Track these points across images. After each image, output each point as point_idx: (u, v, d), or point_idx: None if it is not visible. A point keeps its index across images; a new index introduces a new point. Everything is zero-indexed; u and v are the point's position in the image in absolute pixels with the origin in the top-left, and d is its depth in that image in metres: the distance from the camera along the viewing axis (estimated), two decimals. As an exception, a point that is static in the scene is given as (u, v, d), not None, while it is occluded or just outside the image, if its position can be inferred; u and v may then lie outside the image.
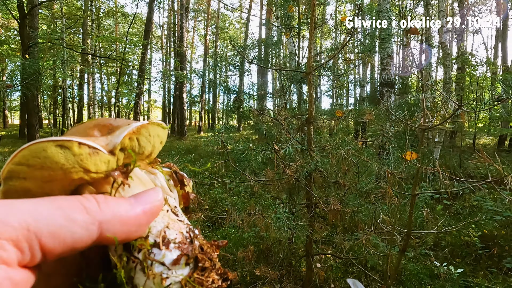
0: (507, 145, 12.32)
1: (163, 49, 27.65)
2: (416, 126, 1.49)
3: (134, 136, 0.31)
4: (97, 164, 0.27)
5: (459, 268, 3.53)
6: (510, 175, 1.38)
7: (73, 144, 0.26)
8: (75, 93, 21.70)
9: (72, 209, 0.23)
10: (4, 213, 0.20)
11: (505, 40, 17.15)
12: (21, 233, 0.20)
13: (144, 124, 0.32)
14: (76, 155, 0.26)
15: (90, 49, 17.61)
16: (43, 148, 0.25)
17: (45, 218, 0.21)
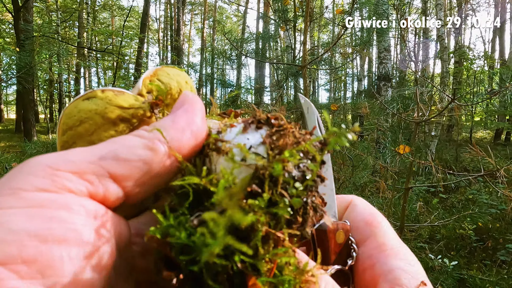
0: (503, 139, 12.37)
1: (159, 42, 27.46)
2: (410, 120, 1.49)
3: (153, 77, 0.32)
4: (127, 100, 0.28)
5: (454, 260, 3.56)
6: (502, 168, 1.39)
7: (96, 93, 0.28)
8: (71, 87, 21.55)
9: (127, 139, 0.23)
10: (64, 154, 0.21)
11: (502, 34, 17.13)
12: (84, 166, 0.20)
13: (157, 67, 0.33)
14: (103, 98, 0.28)
15: (86, 42, 17.45)
16: (74, 106, 0.28)
17: (106, 150, 0.22)
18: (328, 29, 20.25)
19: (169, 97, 0.32)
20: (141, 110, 0.29)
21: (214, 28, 26.28)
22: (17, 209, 0.18)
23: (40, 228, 0.18)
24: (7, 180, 0.20)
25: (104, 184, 0.21)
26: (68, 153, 0.21)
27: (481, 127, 14.55)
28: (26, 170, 0.20)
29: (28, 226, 0.17)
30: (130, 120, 0.29)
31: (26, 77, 2.17)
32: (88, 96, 0.28)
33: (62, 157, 0.21)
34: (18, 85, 1.97)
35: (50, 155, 0.21)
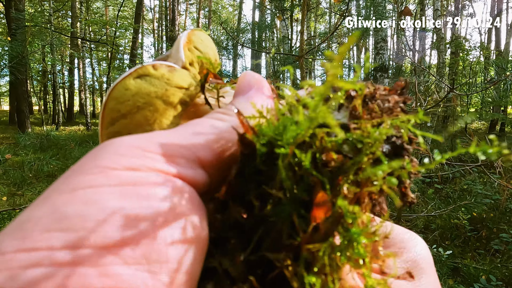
0: (497, 130, 12.45)
1: (154, 33, 27.13)
2: (407, 110, 1.48)
3: (190, 45, 0.27)
4: (185, 79, 0.25)
5: (448, 250, 3.60)
6: (500, 158, 1.38)
7: (148, 69, 0.23)
8: (65, 79, 21.28)
9: (211, 123, 0.22)
10: (149, 135, 0.20)
11: (499, 24, 17.09)
12: (174, 149, 0.20)
13: (189, 31, 0.29)
14: (160, 77, 0.23)
15: (80, 33, 17.18)
16: (124, 87, 0.22)
17: (191, 134, 0.21)
18: (325, 19, 20.09)
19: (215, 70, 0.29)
20: (195, 89, 0.26)
21: (209, 18, 25.98)
22: (109, 187, 0.17)
23: (138, 207, 0.16)
24: (92, 159, 0.18)
25: (194, 168, 0.20)
26: (155, 135, 0.20)
27: (476, 118, 14.62)
28: (112, 150, 0.19)
29: (124, 205, 0.16)
30: (188, 103, 0.25)
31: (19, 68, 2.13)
32: (139, 74, 0.23)
33: (149, 139, 0.20)
34: (11, 76, 1.93)
35: (135, 137, 0.20)
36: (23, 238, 0.15)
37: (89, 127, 14.76)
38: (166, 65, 0.25)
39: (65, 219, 0.15)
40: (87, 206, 0.16)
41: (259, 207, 0.20)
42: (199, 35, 0.29)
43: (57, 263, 0.14)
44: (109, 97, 0.24)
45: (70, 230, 0.15)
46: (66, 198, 0.16)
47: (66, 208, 0.15)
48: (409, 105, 1.65)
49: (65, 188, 0.17)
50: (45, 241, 0.14)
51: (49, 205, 0.16)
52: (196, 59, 0.27)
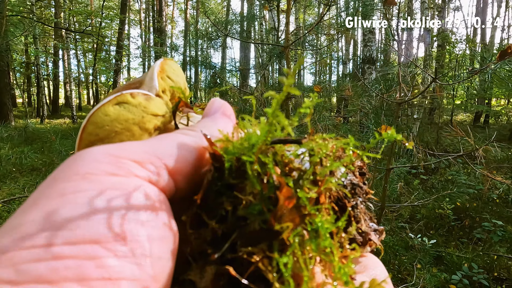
0: (482, 122, 12.70)
1: (141, 24, 26.64)
2: (392, 100, 1.49)
3: (163, 74, 0.30)
4: (159, 107, 0.27)
5: (433, 239, 3.68)
6: (480, 148, 1.40)
7: (126, 97, 0.25)
8: (49, 70, 20.77)
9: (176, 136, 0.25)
10: (120, 145, 0.22)
11: (484, 18, 17.34)
12: (144, 157, 0.21)
13: (162, 61, 0.31)
14: (137, 105, 0.25)
15: (64, 23, 16.74)
16: (104, 113, 0.24)
17: (159, 144, 0.23)
18: (314, 11, 20.03)
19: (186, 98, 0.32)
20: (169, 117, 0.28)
21: (197, 9, 25.62)
22: (96, 192, 0.18)
23: (122, 207, 0.18)
24: (70, 167, 0.20)
25: (162, 174, 0.22)
26: (127, 144, 0.22)
27: (462, 110, 14.90)
28: (89, 158, 0.20)
29: (110, 205, 0.18)
30: (161, 128, 0.27)
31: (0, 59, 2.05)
32: (118, 101, 0.25)
33: (122, 147, 0.22)
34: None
35: (108, 146, 0.22)
36: (22, 238, 0.16)
37: (75, 120, 14.48)
38: (142, 93, 0.27)
39: (59, 220, 0.17)
40: (77, 208, 0.17)
41: (231, 211, 0.22)
42: (171, 64, 0.32)
43: (57, 257, 0.16)
44: (88, 121, 0.25)
45: (65, 229, 0.17)
46: (56, 202, 0.18)
47: (58, 211, 0.17)
48: (393, 95, 1.66)
49: (53, 194, 0.18)
50: (44, 239, 0.16)
51: (39, 209, 0.17)
52: (168, 87, 0.30)
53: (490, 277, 3.18)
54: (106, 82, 20.74)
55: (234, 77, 8.19)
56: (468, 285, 2.99)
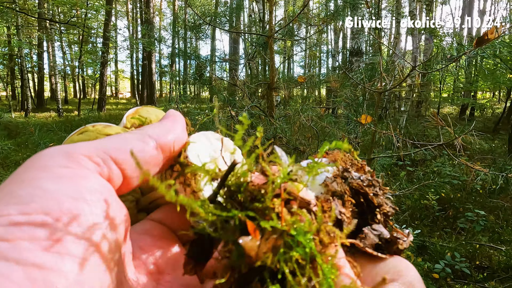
0: (468, 114, 12.90)
1: (128, 15, 26.16)
2: (373, 90, 1.47)
3: (135, 114, 0.37)
4: (114, 130, 0.33)
5: (417, 229, 3.73)
6: (460, 137, 1.41)
7: (87, 128, 0.33)
8: (34, 63, 20.27)
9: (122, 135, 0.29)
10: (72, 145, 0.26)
11: (471, 12, 17.52)
12: (92, 151, 0.25)
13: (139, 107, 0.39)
14: (94, 131, 0.33)
15: (48, 14, 16.30)
16: (70, 140, 0.32)
17: (106, 142, 0.27)
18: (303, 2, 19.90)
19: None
20: None
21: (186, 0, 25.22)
22: (50, 178, 0.23)
23: (71, 190, 0.22)
24: (33, 162, 0.24)
25: (108, 165, 0.26)
26: (79, 143, 0.26)
27: (448, 103, 15.10)
28: (47, 154, 0.25)
29: (61, 188, 0.22)
30: None
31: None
32: (81, 131, 0.33)
33: (74, 146, 0.26)
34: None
35: (63, 145, 0.26)
36: None
37: (60, 114, 14.19)
38: (103, 124, 0.34)
39: (19, 197, 0.21)
40: (34, 189, 0.22)
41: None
42: (146, 108, 0.39)
43: (13, 223, 0.20)
44: None
45: (22, 203, 0.21)
46: (19, 185, 0.22)
47: (19, 191, 0.22)
48: (375, 85, 1.65)
49: (17, 179, 0.23)
50: (6, 210, 0.20)
51: (7, 190, 0.22)
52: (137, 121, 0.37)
53: (472, 266, 3.24)
54: (93, 74, 20.33)
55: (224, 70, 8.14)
56: (451, 273, 3.05)
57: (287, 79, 2.39)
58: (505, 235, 3.72)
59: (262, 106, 2.17)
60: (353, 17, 6.71)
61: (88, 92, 32.95)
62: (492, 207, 4.38)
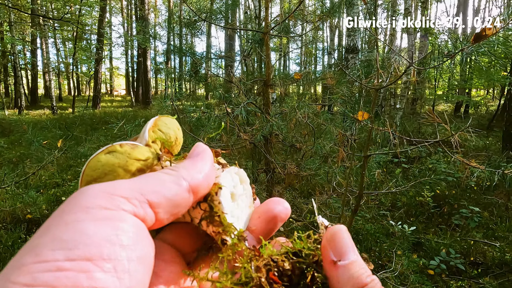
0: (462, 112, 12.98)
1: (123, 12, 25.94)
2: (370, 86, 1.47)
3: (155, 128, 0.37)
4: (143, 153, 0.34)
5: (413, 226, 3.75)
6: (456, 134, 1.41)
7: (115, 147, 0.33)
8: (27, 59, 20.04)
9: (159, 175, 0.31)
10: (112, 184, 0.28)
11: (466, 9, 17.60)
12: (130, 193, 0.27)
13: (156, 117, 0.39)
14: (123, 153, 0.33)
15: (41, 10, 16.10)
16: (97, 159, 0.32)
17: (144, 183, 0.29)
18: (299, 0, 19.84)
19: (172, 145, 0.39)
20: (152, 160, 0.35)
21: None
22: (91, 221, 0.24)
23: (109, 234, 0.24)
24: (77, 201, 0.26)
25: (144, 208, 0.27)
26: (118, 183, 0.28)
27: (443, 100, 15.18)
28: (90, 194, 0.26)
29: (101, 232, 0.24)
30: (145, 170, 0.34)
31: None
32: (109, 150, 0.33)
33: (114, 185, 0.28)
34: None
35: (104, 184, 0.28)
36: (37, 255, 0.22)
37: (54, 111, 14.06)
38: (130, 143, 0.34)
39: (65, 242, 0.23)
40: (77, 234, 0.23)
41: None
42: (164, 120, 0.39)
43: (60, 269, 0.22)
44: (87, 167, 0.33)
45: (67, 249, 0.22)
46: (62, 229, 0.24)
47: (63, 236, 0.23)
48: (372, 81, 1.64)
49: (62, 221, 0.24)
50: (52, 256, 0.22)
51: (51, 235, 0.24)
52: (159, 138, 0.37)
53: (467, 262, 3.27)
54: (88, 72, 20.15)
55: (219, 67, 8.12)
56: (446, 269, 3.07)
57: (283, 76, 2.37)
58: (499, 231, 3.75)
59: (258, 103, 2.16)
60: (349, 13, 6.70)
61: (82, 90, 32.69)
62: (487, 204, 4.41)
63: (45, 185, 5.07)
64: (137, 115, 12.22)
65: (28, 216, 3.80)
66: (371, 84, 1.56)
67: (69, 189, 4.78)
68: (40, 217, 3.83)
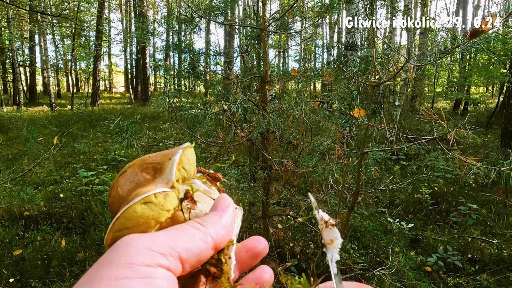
0: (461, 109, 12.98)
1: (122, 8, 25.82)
2: (367, 83, 1.46)
3: (180, 166, 0.38)
4: (172, 202, 0.35)
5: (411, 223, 3.76)
6: (453, 130, 1.40)
7: (151, 198, 0.34)
8: (26, 56, 19.96)
9: (189, 231, 0.33)
10: (152, 239, 0.31)
11: (465, 6, 17.55)
12: (167, 250, 0.30)
13: (181, 153, 0.39)
14: (157, 204, 0.34)
15: (39, 6, 16.02)
16: (133, 210, 0.33)
17: (178, 238, 0.31)
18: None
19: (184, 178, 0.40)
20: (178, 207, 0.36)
21: (180, -7, 24.92)
22: (135, 279, 0.27)
23: None
24: (122, 256, 0.28)
25: (176, 263, 0.30)
26: (156, 238, 0.31)
27: (442, 98, 15.16)
28: (134, 249, 0.29)
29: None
30: (169, 218, 0.36)
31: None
32: (144, 201, 0.34)
33: (153, 241, 0.30)
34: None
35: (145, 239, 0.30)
36: None
37: (53, 108, 14.02)
38: (163, 192, 0.35)
39: None
40: None
41: None
42: (187, 154, 0.40)
43: None
44: (122, 215, 0.34)
45: None
46: (107, 285, 0.25)
47: None
48: (369, 78, 1.64)
49: (106, 276, 0.26)
50: None
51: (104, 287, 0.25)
52: (181, 177, 0.38)
53: (464, 259, 3.27)
54: (86, 68, 20.07)
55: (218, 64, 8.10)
56: (443, 266, 3.08)
57: (281, 73, 2.36)
58: (497, 228, 3.76)
59: (255, 100, 2.15)
60: (348, 10, 6.68)
61: (81, 86, 32.60)
62: (484, 201, 4.42)
63: (43, 182, 5.06)
64: (136, 112, 12.19)
65: (26, 213, 3.80)
66: (368, 80, 1.55)
67: (67, 186, 4.77)
68: (37, 214, 3.82)
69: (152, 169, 0.39)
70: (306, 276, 0.36)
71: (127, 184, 0.38)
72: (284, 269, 2.87)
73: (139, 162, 0.40)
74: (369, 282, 2.75)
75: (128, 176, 0.39)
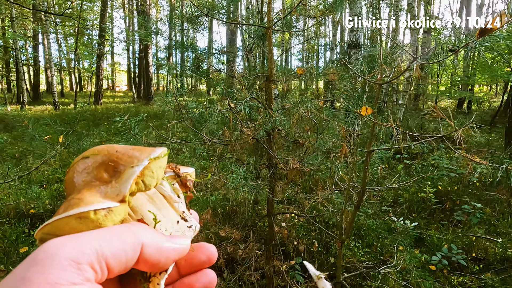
0: (465, 108, 12.92)
1: (124, 7, 25.86)
2: (373, 81, 1.46)
3: (139, 179, 0.34)
4: (114, 220, 0.32)
5: (414, 222, 3.75)
6: (460, 129, 1.40)
7: (88, 214, 0.31)
8: (29, 55, 20.03)
9: (124, 233, 0.31)
10: (78, 247, 0.28)
11: (469, 4, 17.45)
12: (94, 258, 0.28)
13: (145, 165, 0.35)
14: (94, 221, 0.31)
15: (42, 5, 16.07)
16: (66, 222, 0.31)
17: (107, 243, 0.29)
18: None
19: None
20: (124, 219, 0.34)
21: (183, -8, 24.94)
22: None
23: None
24: (41, 273, 0.25)
25: (103, 271, 0.29)
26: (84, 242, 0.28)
27: (446, 96, 15.11)
28: (56, 264, 0.26)
29: None
30: None
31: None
32: (80, 216, 0.31)
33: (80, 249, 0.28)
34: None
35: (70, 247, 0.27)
36: None
37: (57, 107, 14.09)
38: (105, 209, 0.31)
39: None
40: None
41: None
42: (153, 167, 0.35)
43: None
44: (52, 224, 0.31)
45: None
46: None
47: None
48: (375, 76, 1.64)
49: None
50: None
51: None
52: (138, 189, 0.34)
53: (469, 257, 3.27)
54: (89, 67, 20.13)
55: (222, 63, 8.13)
56: (447, 265, 3.08)
57: (286, 72, 2.37)
58: (501, 227, 3.75)
59: (260, 99, 2.15)
60: (351, 9, 6.66)
61: (84, 85, 32.71)
62: (489, 200, 4.41)
63: (48, 180, 5.09)
64: (139, 111, 12.21)
65: (32, 211, 3.83)
66: (374, 79, 1.56)
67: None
68: (43, 212, 3.85)
69: (113, 170, 0.35)
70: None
71: (84, 174, 0.35)
72: (288, 267, 2.88)
73: (104, 153, 0.36)
74: (373, 280, 2.75)
75: (88, 165, 0.35)
